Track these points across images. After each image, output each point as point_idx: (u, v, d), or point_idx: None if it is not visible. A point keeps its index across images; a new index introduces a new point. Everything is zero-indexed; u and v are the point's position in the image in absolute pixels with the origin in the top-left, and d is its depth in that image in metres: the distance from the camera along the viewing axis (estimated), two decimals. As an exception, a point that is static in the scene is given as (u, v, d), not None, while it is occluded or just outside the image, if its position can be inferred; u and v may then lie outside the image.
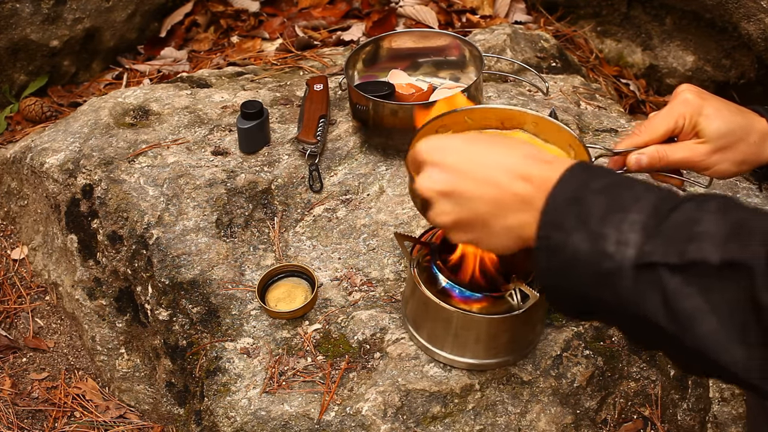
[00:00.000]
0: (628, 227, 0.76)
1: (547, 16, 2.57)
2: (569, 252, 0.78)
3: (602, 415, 1.48)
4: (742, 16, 2.07)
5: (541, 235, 0.81)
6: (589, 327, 1.51)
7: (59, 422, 1.70)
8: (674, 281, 0.73)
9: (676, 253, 0.73)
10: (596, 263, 0.76)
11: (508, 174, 0.86)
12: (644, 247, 0.74)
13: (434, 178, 0.92)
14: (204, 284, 1.58)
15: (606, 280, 0.76)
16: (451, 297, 1.35)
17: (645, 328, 0.77)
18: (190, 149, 1.79)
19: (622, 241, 0.75)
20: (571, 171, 0.82)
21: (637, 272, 0.74)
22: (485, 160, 0.89)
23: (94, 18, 2.31)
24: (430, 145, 0.94)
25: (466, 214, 0.90)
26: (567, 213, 0.79)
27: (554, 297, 0.84)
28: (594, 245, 0.76)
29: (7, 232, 2.03)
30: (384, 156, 1.79)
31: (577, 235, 0.78)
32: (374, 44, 1.85)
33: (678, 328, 0.73)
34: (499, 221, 0.87)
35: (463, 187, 0.89)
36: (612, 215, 0.77)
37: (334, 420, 1.38)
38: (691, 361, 0.77)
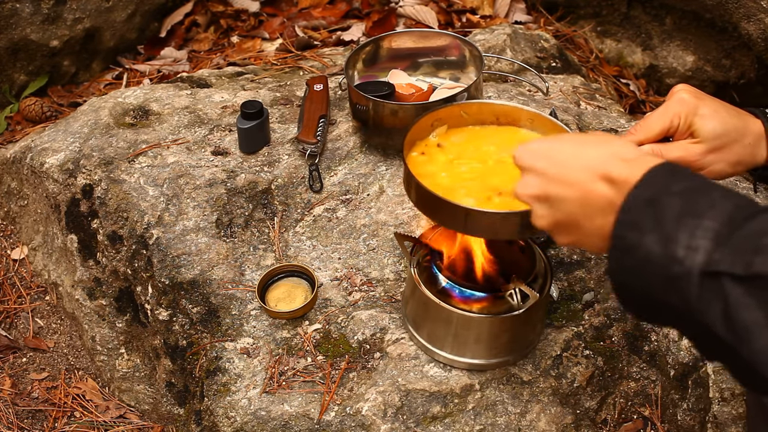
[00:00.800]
0: (701, 233, 0.76)
1: (547, 16, 2.57)
2: (642, 253, 0.79)
3: (602, 415, 1.48)
4: (742, 16, 2.07)
5: (616, 234, 0.82)
6: (589, 327, 1.51)
7: (59, 422, 1.70)
8: (736, 292, 0.73)
9: (742, 263, 0.73)
10: (666, 266, 0.77)
11: (591, 174, 0.89)
12: (713, 255, 0.75)
13: (528, 183, 0.96)
14: (204, 284, 1.58)
15: (673, 284, 0.77)
16: (451, 297, 1.35)
17: (707, 337, 0.77)
18: (190, 149, 1.79)
19: (693, 247, 0.76)
20: (652, 171, 0.83)
21: (703, 280, 0.75)
22: (571, 161, 0.92)
23: (94, 18, 2.31)
24: (524, 150, 0.97)
25: (560, 216, 0.93)
26: (643, 214, 0.80)
27: (624, 296, 0.85)
28: (665, 248, 0.77)
29: (7, 232, 2.03)
30: (384, 156, 1.79)
31: (650, 236, 0.78)
32: (374, 44, 1.85)
33: (735, 340, 0.73)
34: (589, 222, 0.90)
35: (552, 191, 0.92)
36: (686, 219, 0.77)
37: (334, 420, 1.38)
38: (748, 375, 0.77)
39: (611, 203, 0.86)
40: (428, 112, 1.38)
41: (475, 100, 1.39)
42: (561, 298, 1.54)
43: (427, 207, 1.27)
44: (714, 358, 0.83)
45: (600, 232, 0.89)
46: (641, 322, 1.50)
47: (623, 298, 0.86)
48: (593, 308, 1.53)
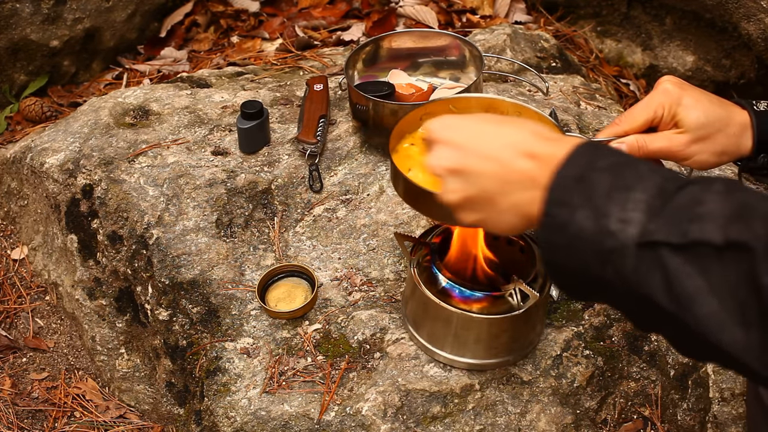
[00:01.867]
0: (632, 206, 0.75)
1: (547, 16, 2.57)
2: (573, 229, 0.78)
3: (602, 415, 1.48)
4: (742, 16, 2.07)
5: (546, 212, 0.80)
6: (589, 327, 1.51)
7: (59, 422, 1.70)
8: (676, 261, 0.72)
9: (679, 233, 0.73)
10: (599, 241, 0.76)
11: (513, 151, 0.87)
12: (647, 226, 0.74)
13: (443, 155, 0.93)
14: (204, 284, 1.58)
15: (608, 258, 0.76)
16: (451, 297, 1.35)
17: (647, 308, 0.76)
18: (190, 149, 1.79)
19: (625, 219, 0.75)
20: (577, 150, 0.82)
21: (639, 251, 0.74)
22: (492, 137, 0.90)
23: (94, 18, 2.31)
24: (440, 124, 0.95)
25: (473, 191, 0.90)
26: (572, 191, 0.79)
27: (558, 275, 0.84)
28: (597, 223, 0.76)
29: (7, 232, 2.03)
30: (384, 156, 1.78)
31: (581, 212, 0.77)
32: (374, 44, 1.85)
33: (679, 309, 0.73)
34: (505, 199, 0.87)
35: (470, 165, 0.89)
36: (616, 193, 0.76)
37: (334, 420, 1.38)
38: (692, 343, 0.76)
39: (533, 179, 0.84)
40: (417, 106, 1.38)
41: (463, 94, 1.38)
42: (561, 298, 1.54)
43: (414, 199, 1.26)
44: (651, 329, 0.82)
45: (515, 210, 0.87)
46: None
47: (556, 277, 0.84)
48: (593, 308, 1.53)
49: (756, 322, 0.70)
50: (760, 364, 0.71)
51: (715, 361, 0.77)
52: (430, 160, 0.94)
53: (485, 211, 0.91)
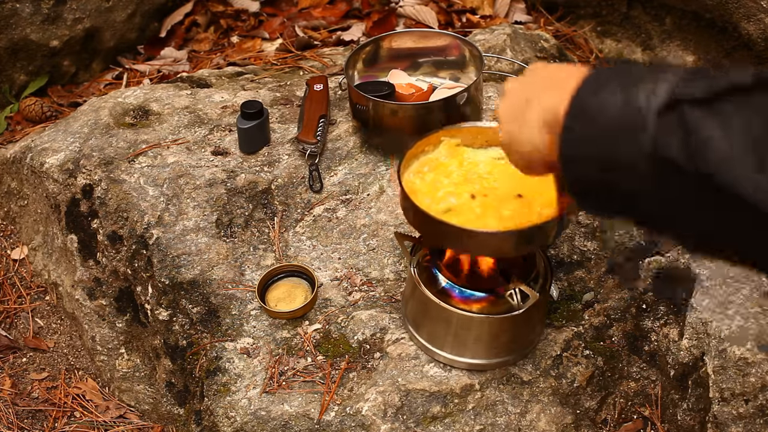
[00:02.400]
0: (662, 84, 0.73)
1: (547, 16, 2.57)
2: (600, 114, 0.75)
3: (602, 415, 1.48)
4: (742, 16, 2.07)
5: (574, 97, 0.78)
6: (589, 327, 1.51)
7: (59, 422, 1.70)
8: (696, 115, 0.69)
9: (703, 87, 0.70)
10: (624, 120, 0.73)
11: (570, 71, 0.86)
12: (673, 91, 0.72)
13: (520, 78, 0.97)
14: (204, 284, 1.58)
15: (631, 135, 0.73)
16: (451, 297, 1.35)
17: (664, 183, 0.72)
18: (190, 149, 1.79)
19: (655, 92, 0.72)
20: (614, 60, 0.84)
21: (661, 117, 0.71)
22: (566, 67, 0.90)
23: (94, 18, 2.31)
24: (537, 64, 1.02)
25: (517, 97, 0.93)
26: (607, 77, 0.78)
27: (575, 174, 0.80)
28: (625, 99, 0.74)
29: (7, 232, 2.03)
30: (384, 156, 1.79)
31: (611, 96, 0.75)
32: (374, 44, 1.85)
33: (689, 157, 0.69)
34: (536, 101, 0.88)
35: (529, 78, 0.94)
36: (650, 76, 0.74)
37: (334, 420, 1.38)
38: (707, 213, 0.72)
39: (563, 82, 0.83)
40: (419, 141, 1.38)
41: (464, 124, 1.41)
42: (561, 298, 1.54)
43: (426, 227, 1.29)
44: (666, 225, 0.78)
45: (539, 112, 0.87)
46: (641, 304, 1.51)
47: (574, 177, 0.80)
48: (593, 308, 1.53)
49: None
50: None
51: (731, 235, 0.73)
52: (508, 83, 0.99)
53: (516, 120, 0.92)
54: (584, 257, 1.59)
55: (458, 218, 1.25)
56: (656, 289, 1.52)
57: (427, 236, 1.35)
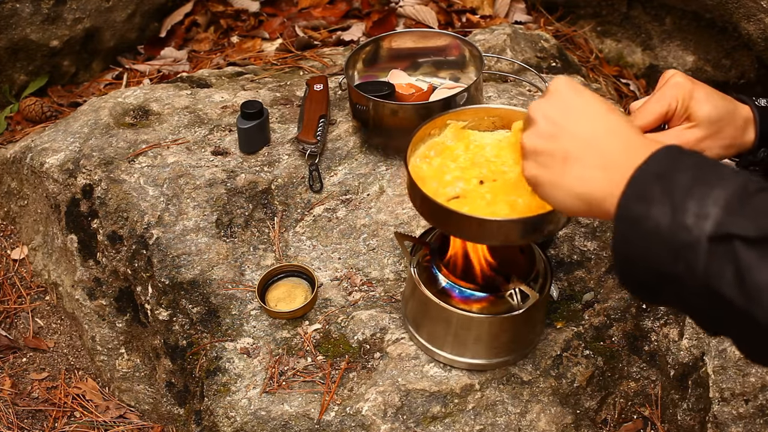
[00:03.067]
0: (711, 202, 0.74)
1: (547, 16, 2.57)
2: (649, 224, 0.77)
3: (602, 415, 1.48)
4: (742, 16, 2.07)
5: (622, 204, 0.80)
6: (589, 327, 1.51)
7: (59, 422, 1.70)
8: (749, 255, 0.71)
9: (755, 226, 0.72)
10: (674, 235, 0.75)
11: (610, 129, 0.88)
12: (723, 220, 0.73)
13: (549, 104, 0.94)
14: (204, 284, 1.58)
15: (681, 253, 0.75)
16: (451, 297, 1.35)
17: (716, 306, 0.75)
18: (190, 149, 1.79)
19: (702, 215, 0.74)
20: (663, 149, 0.82)
21: (713, 245, 0.73)
22: (599, 112, 0.91)
23: (94, 18, 2.31)
24: (563, 81, 0.97)
25: (553, 145, 0.91)
26: (652, 186, 0.79)
27: (625, 271, 0.83)
28: (674, 218, 0.76)
29: (7, 232, 2.03)
30: (384, 156, 1.79)
31: (658, 207, 0.77)
32: (374, 44, 1.85)
33: (749, 303, 0.71)
34: (577, 167, 0.88)
35: (567, 122, 0.91)
36: (696, 190, 0.76)
37: (334, 420, 1.38)
38: (761, 343, 0.75)
39: (612, 162, 0.84)
40: (424, 123, 1.35)
41: (470, 107, 1.38)
42: (561, 298, 1.54)
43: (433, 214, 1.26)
44: (719, 331, 0.81)
45: (581, 183, 0.88)
46: (641, 304, 1.50)
47: (624, 273, 0.83)
48: (593, 308, 1.53)
49: None
50: None
51: None
52: (535, 103, 0.96)
53: (552, 170, 0.91)
54: (584, 257, 1.59)
55: (467, 206, 1.21)
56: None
57: (436, 224, 1.32)
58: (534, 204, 1.18)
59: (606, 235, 1.61)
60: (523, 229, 1.18)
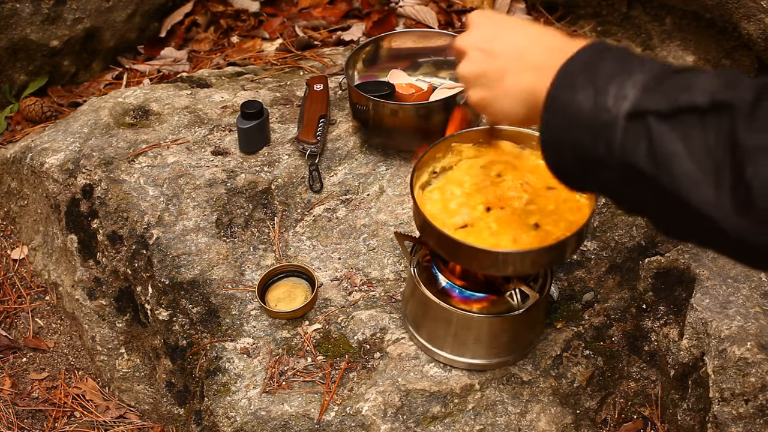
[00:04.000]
0: (630, 84, 0.78)
1: (547, 16, 2.57)
2: (573, 109, 0.81)
3: (602, 415, 1.48)
4: (742, 16, 2.07)
5: (550, 94, 0.84)
6: (589, 327, 1.51)
7: (59, 422, 1.70)
8: (660, 128, 0.75)
9: (667, 101, 0.76)
10: (595, 117, 0.79)
11: (535, 37, 0.95)
12: (639, 98, 0.77)
13: (473, 34, 1.01)
14: (204, 284, 1.58)
15: (600, 133, 0.79)
16: (451, 297, 1.35)
17: (632, 180, 0.79)
18: (190, 149, 1.79)
19: (621, 96, 0.78)
20: (591, 44, 0.87)
21: (629, 123, 0.77)
22: (520, 26, 0.99)
23: (94, 18, 2.31)
24: (479, 13, 1.04)
25: (487, 66, 0.98)
26: (578, 75, 0.83)
27: (553, 157, 0.87)
28: (595, 101, 0.80)
29: (7, 232, 2.03)
30: (384, 156, 1.79)
31: (582, 92, 0.81)
32: (374, 44, 1.85)
33: (657, 170, 0.76)
34: (512, 76, 0.94)
35: (494, 44, 0.98)
36: (618, 76, 0.80)
37: (334, 420, 1.38)
38: (670, 214, 0.79)
39: (543, 67, 0.88)
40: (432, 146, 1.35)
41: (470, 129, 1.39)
42: (561, 298, 1.54)
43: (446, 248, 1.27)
44: (637, 209, 0.86)
45: (519, 93, 0.94)
46: (641, 304, 1.51)
47: (551, 159, 0.88)
48: (593, 308, 1.53)
49: (728, 182, 0.72)
50: (729, 224, 0.73)
51: (694, 235, 0.80)
52: (460, 37, 1.03)
53: (491, 88, 0.97)
54: (584, 257, 1.59)
55: (474, 237, 1.22)
56: (656, 289, 1.52)
57: (444, 254, 1.31)
58: (543, 233, 1.20)
59: (606, 235, 1.61)
60: (533, 259, 1.21)
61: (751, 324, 1.38)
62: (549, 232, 1.23)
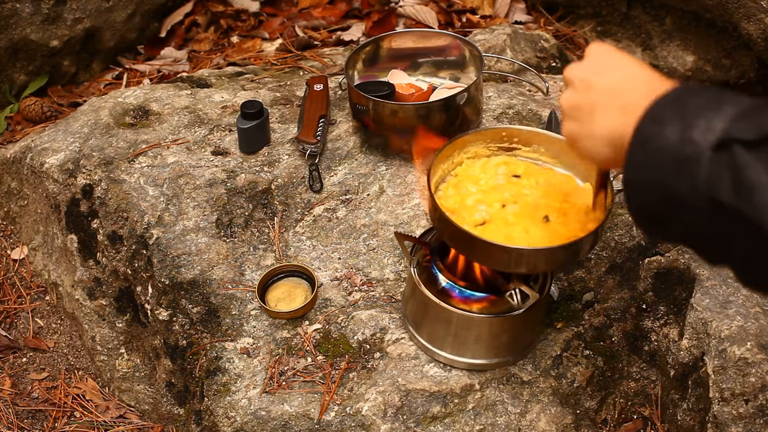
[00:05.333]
0: (719, 118, 0.76)
1: (547, 16, 2.57)
2: (658, 143, 0.79)
3: (602, 415, 1.48)
4: (742, 16, 2.07)
5: (637, 128, 0.83)
6: (589, 327, 1.51)
7: (59, 422, 1.70)
8: (745, 157, 0.72)
9: (754, 130, 0.73)
10: (680, 150, 0.77)
11: (632, 76, 0.93)
12: (726, 129, 0.75)
13: (583, 67, 0.99)
14: (204, 284, 1.58)
15: (685, 167, 0.76)
16: (451, 297, 1.35)
17: (715, 220, 0.76)
18: (190, 149, 1.79)
19: (709, 128, 0.75)
20: (681, 84, 0.85)
21: (715, 154, 0.74)
22: (624, 64, 0.96)
23: (94, 18, 2.31)
24: (598, 46, 1.02)
25: (585, 99, 0.96)
26: (666, 109, 0.81)
27: (633, 195, 0.84)
28: (682, 134, 0.77)
29: (7, 232, 2.03)
30: (384, 156, 1.79)
31: (670, 127, 0.79)
32: (374, 44, 1.85)
33: (738, 201, 0.72)
34: (601, 114, 0.93)
35: (596, 78, 0.96)
36: (708, 110, 0.78)
37: (334, 420, 1.38)
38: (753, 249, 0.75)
39: (635, 107, 0.86)
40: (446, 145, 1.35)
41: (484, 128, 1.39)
42: (561, 298, 1.54)
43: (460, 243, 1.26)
44: (719, 259, 0.82)
45: (608, 129, 0.91)
46: (641, 304, 1.51)
47: (631, 198, 0.85)
48: (593, 308, 1.53)
49: None
50: None
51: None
52: (570, 67, 1.01)
53: (582, 122, 0.96)
54: (584, 258, 1.59)
55: (493, 233, 1.22)
56: (656, 289, 1.52)
57: (462, 251, 1.30)
58: (561, 227, 1.20)
59: (606, 234, 1.61)
60: (555, 257, 1.21)
61: (751, 324, 1.38)
62: (558, 228, 1.23)
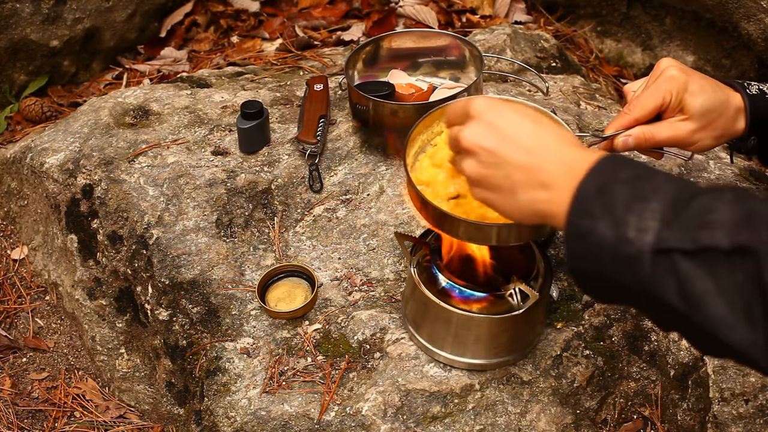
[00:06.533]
0: (649, 215, 0.80)
1: (547, 16, 2.57)
2: (595, 238, 0.83)
3: (602, 415, 1.48)
4: (742, 16, 2.07)
5: (570, 221, 0.86)
6: (589, 327, 1.51)
7: (59, 422, 1.70)
8: (687, 266, 0.77)
9: (690, 239, 0.77)
10: (618, 248, 0.81)
11: (544, 147, 0.93)
12: (662, 234, 0.79)
13: (480, 132, 0.97)
14: (204, 284, 1.58)
15: (627, 264, 0.81)
16: (451, 297, 1.35)
17: (663, 310, 0.81)
18: (190, 149, 1.79)
19: (642, 228, 0.80)
20: (599, 162, 0.88)
21: (655, 257, 0.79)
22: (530, 133, 0.95)
23: (94, 18, 2.31)
24: (485, 104, 0.99)
25: (497, 174, 0.96)
26: (594, 202, 0.85)
27: (582, 281, 0.89)
28: (617, 232, 0.81)
29: (7, 232, 2.03)
30: (384, 156, 1.79)
31: (602, 222, 0.83)
32: (374, 44, 1.85)
33: (690, 310, 0.78)
34: (525, 192, 0.94)
35: (504, 151, 0.95)
36: (634, 204, 0.82)
37: (334, 420, 1.38)
38: (705, 341, 0.81)
39: (555, 184, 0.90)
40: (424, 117, 1.35)
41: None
42: (561, 298, 1.54)
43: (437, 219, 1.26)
44: (670, 329, 0.88)
45: (531, 205, 0.93)
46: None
47: (580, 282, 0.90)
48: (593, 308, 1.53)
49: (761, 320, 0.74)
50: (766, 363, 0.75)
51: (729, 357, 0.82)
52: (468, 132, 0.98)
53: (500, 195, 0.97)
54: (584, 257, 1.59)
55: (466, 207, 1.21)
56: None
57: (436, 226, 1.31)
58: None
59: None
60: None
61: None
62: None
